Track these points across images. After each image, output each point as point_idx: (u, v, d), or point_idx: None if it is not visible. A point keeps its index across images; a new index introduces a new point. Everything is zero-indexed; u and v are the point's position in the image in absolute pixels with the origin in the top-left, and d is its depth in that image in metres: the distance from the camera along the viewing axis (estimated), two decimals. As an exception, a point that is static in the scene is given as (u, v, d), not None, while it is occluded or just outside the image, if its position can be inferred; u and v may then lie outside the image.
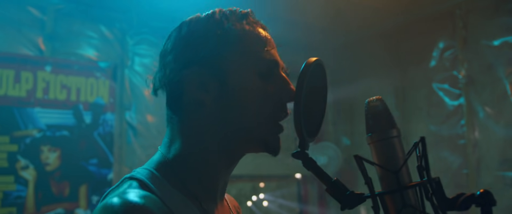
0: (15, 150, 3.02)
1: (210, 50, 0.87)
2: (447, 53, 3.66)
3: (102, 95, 3.37)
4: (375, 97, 0.96)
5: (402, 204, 0.85)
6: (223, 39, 0.88)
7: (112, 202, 0.75)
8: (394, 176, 0.85)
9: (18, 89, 3.07)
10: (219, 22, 0.90)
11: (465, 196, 0.85)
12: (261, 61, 0.90)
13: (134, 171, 0.88)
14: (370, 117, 0.93)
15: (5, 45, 3.15)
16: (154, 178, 0.85)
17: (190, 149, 0.89)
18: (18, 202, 3.00)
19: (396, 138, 0.89)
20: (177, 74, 0.88)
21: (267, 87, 0.90)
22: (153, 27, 3.69)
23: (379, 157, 0.88)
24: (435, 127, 3.70)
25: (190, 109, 0.89)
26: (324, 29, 4.19)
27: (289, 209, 4.35)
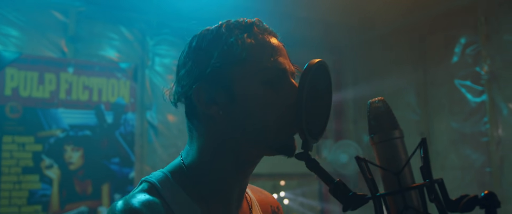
0: (40, 149, 3.11)
1: (216, 65, 0.90)
2: (469, 49, 3.59)
3: (123, 95, 3.43)
4: (377, 99, 0.95)
5: (403, 206, 0.85)
6: (227, 54, 0.91)
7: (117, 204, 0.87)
8: (396, 177, 0.85)
9: (42, 91, 3.16)
10: (224, 37, 0.92)
11: (468, 198, 0.84)
12: (267, 70, 0.91)
13: (151, 174, 0.96)
14: (372, 118, 0.92)
15: (29, 48, 3.23)
16: (167, 181, 0.92)
17: (204, 157, 0.94)
18: (43, 200, 3.09)
19: (398, 139, 0.89)
20: (189, 90, 0.92)
21: (276, 94, 0.91)
22: (172, 28, 3.73)
23: (381, 158, 0.88)
24: (457, 124, 3.64)
25: (203, 120, 0.93)
26: (345, 27, 4.17)
27: (310, 207, 4.34)
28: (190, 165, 0.95)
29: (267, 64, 0.92)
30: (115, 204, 0.86)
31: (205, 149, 0.94)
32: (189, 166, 0.95)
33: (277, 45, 0.96)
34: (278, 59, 0.93)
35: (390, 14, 3.83)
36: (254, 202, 1.10)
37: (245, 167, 0.96)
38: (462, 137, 3.59)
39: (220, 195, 0.95)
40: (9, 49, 3.16)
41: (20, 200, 3.02)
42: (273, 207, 1.17)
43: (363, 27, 4.17)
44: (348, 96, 4.42)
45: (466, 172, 3.54)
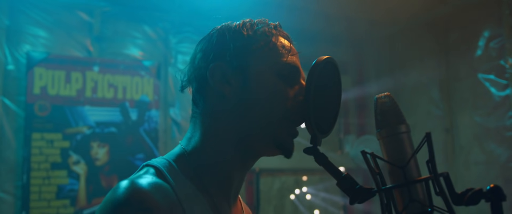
0: (67, 146, 3.21)
1: (236, 47, 0.94)
2: (493, 42, 3.53)
3: (147, 93, 3.50)
4: (384, 94, 0.97)
5: (409, 199, 0.86)
6: (250, 38, 0.95)
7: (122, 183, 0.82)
8: (401, 171, 0.87)
9: (69, 89, 3.26)
10: (250, 27, 0.97)
11: (473, 191, 0.85)
12: (283, 64, 0.95)
13: (152, 160, 0.94)
14: (379, 113, 0.94)
15: (57, 48, 3.34)
16: (171, 168, 0.90)
17: (208, 141, 0.94)
18: (71, 194, 3.19)
19: (404, 134, 0.90)
20: (204, 68, 0.95)
21: (287, 90, 0.94)
22: (194, 26, 3.79)
23: (388, 152, 0.90)
24: (481, 119, 3.59)
25: (212, 101, 0.95)
26: (367, 21, 4.15)
27: (333, 203, 4.34)
28: (193, 154, 0.94)
29: (284, 59, 0.95)
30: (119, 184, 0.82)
31: (209, 137, 0.94)
32: (191, 154, 0.94)
33: (294, 49, 0.99)
34: (293, 59, 0.97)
35: (412, 8, 3.80)
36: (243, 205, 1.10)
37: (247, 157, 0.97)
38: (486, 131, 3.54)
39: (221, 187, 0.95)
40: (37, 49, 3.27)
41: (49, 194, 3.13)
42: None
43: (385, 21, 4.14)
44: (371, 91, 4.40)
45: (490, 167, 3.49)
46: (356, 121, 4.46)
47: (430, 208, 0.85)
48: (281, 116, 0.93)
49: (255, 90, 0.93)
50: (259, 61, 0.94)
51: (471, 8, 3.69)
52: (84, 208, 3.20)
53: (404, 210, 0.86)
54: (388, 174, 0.91)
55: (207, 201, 0.91)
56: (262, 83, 0.93)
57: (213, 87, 0.94)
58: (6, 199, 3.08)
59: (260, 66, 0.94)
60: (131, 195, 0.78)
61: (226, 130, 0.94)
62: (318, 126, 0.94)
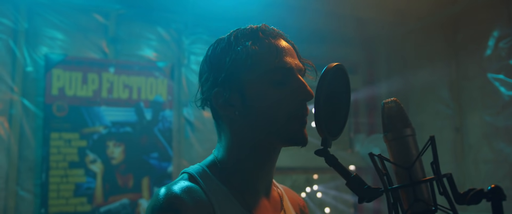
0: (84, 145, 3.30)
1: (227, 72, 1.02)
2: (503, 42, 3.55)
3: (161, 93, 3.58)
4: (390, 99, 1.01)
5: (414, 198, 0.92)
6: (236, 62, 1.02)
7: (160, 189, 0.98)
8: (407, 172, 0.92)
9: (85, 90, 3.35)
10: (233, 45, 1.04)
11: (475, 191, 0.90)
12: (273, 72, 1.02)
13: (190, 167, 1.08)
14: (386, 117, 0.98)
15: (74, 50, 3.42)
16: (204, 173, 1.04)
17: (231, 151, 1.07)
18: (88, 192, 3.28)
19: (410, 137, 0.94)
20: (209, 95, 1.06)
21: (283, 92, 1.02)
22: (206, 27, 3.85)
23: (394, 154, 0.95)
24: (490, 118, 3.61)
25: (225, 120, 1.07)
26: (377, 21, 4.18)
27: (343, 201, 4.39)
28: (222, 161, 1.07)
29: (272, 66, 1.02)
30: (158, 191, 0.97)
31: (231, 146, 1.06)
32: (221, 161, 1.07)
33: (283, 46, 1.05)
34: (283, 59, 1.03)
35: (422, 8, 3.82)
36: (285, 196, 1.20)
37: (266, 159, 1.07)
38: (495, 130, 3.56)
39: (250, 186, 1.07)
40: (55, 51, 3.36)
41: (67, 192, 3.22)
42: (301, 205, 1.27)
43: (395, 21, 4.17)
44: (381, 90, 4.44)
45: (499, 166, 3.52)
46: (366, 120, 4.50)
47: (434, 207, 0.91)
48: (286, 118, 1.02)
49: (256, 105, 1.02)
50: (251, 78, 1.02)
51: (481, 8, 3.71)
52: (100, 206, 3.29)
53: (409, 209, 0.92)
54: (395, 175, 0.96)
55: (237, 199, 1.03)
56: (259, 97, 1.02)
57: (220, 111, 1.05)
58: (26, 197, 3.18)
59: (254, 83, 1.02)
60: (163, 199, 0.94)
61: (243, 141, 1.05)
62: (328, 129, 0.99)
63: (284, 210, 1.16)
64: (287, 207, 1.18)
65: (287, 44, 1.07)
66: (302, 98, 1.03)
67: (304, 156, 4.01)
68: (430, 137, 0.93)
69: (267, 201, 1.11)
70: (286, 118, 1.01)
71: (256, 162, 1.06)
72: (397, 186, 0.92)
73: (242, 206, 1.03)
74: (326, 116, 0.97)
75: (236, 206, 1.02)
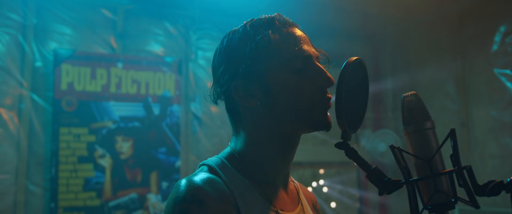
0: (93, 140, 3.32)
1: (248, 63, 1.01)
2: (510, 37, 3.56)
3: (169, 88, 3.60)
4: (410, 92, 1.02)
5: (434, 190, 0.93)
6: (257, 51, 1.01)
7: (181, 182, 0.96)
8: (427, 164, 0.94)
9: (94, 85, 3.36)
10: (251, 35, 1.03)
11: (494, 183, 0.91)
12: (294, 60, 1.02)
13: (208, 159, 1.07)
14: (406, 110, 0.99)
15: (82, 45, 3.44)
16: (223, 165, 1.03)
17: (251, 143, 1.06)
18: (97, 187, 3.30)
19: (430, 130, 0.96)
20: (228, 87, 1.04)
21: (305, 80, 1.02)
22: (214, 22, 3.86)
23: (414, 147, 0.96)
24: (496, 113, 3.63)
25: (244, 111, 1.05)
26: (383, 17, 4.19)
27: (349, 195, 4.42)
28: (241, 153, 1.06)
29: (293, 54, 1.02)
30: (179, 183, 0.95)
31: (250, 138, 1.05)
32: (240, 153, 1.06)
33: (299, 34, 1.05)
34: (302, 47, 1.03)
35: (428, 3, 3.83)
36: (300, 189, 1.22)
37: (287, 150, 1.06)
38: (502, 125, 3.58)
39: (270, 178, 1.06)
40: (63, 46, 3.38)
41: (76, 187, 3.24)
42: (313, 201, 1.28)
43: (401, 17, 4.18)
44: (387, 85, 4.45)
45: (505, 161, 3.53)
46: (371, 115, 4.52)
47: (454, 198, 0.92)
48: (309, 105, 1.02)
49: (278, 94, 1.01)
50: (272, 67, 1.01)
51: (487, 3, 3.72)
52: (109, 200, 3.32)
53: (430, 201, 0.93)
54: (414, 167, 0.97)
55: (257, 190, 1.02)
56: (281, 86, 1.01)
57: (241, 103, 1.04)
58: (36, 191, 3.21)
59: (275, 71, 1.01)
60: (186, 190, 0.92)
61: (263, 131, 1.05)
62: (348, 123, 1.01)
63: (301, 204, 1.17)
64: (303, 201, 1.19)
65: (302, 32, 1.07)
66: (323, 85, 1.03)
67: (310, 150, 4.03)
68: (451, 130, 0.94)
69: (285, 194, 1.11)
70: (309, 105, 1.01)
71: (277, 153, 1.06)
72: (418, 178, 0.94)
73: (263, 198, 1.03)
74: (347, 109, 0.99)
75: (257, 197, 1.01)
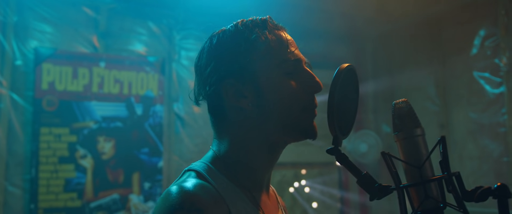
0: (75, 140, 3.28)
1: (241, 62, 1.00)
2: (489, 41, 3.63)
3: (152, 88, 3.57)
4: (401, 100, 1.04)
5: (424, 196, 0.95)
6: (250, 51, 1.00)
7: (171, 189, 0.91)
8: (418, 170, 0.95)
9: (76, 85, 3.32)
10: (245, 34, 1.02)
11: (482, 189, 0.93)
12: (286, 63, 1.01)
13: (192, 164, 1.03)
14: (396, 117, 1.01)
15: (64, 44, 3.39)
16: (210, 170, 0.99)
17: (238, 146, 1.03)
18: (78, 188, 3.26)
19: (420, 137, 0.97)
20: (217, 87, 1.01)
21: (295, 83, 1.02)
22: (198, 22, 3.85)
23: (405, 153, 0.97)
24: (475, 115, 3.70)
25: (232, 113, 1.02)
26: (365, 19, 4.23)
27: (330, 195, 4.45)
28: (226, 157, 1.02)
29: (286, 57, 1.01)
30: (169, 190, 0.90)
31: (236, 142, 1.02)
32: (225, 158, 1.02)
33: (290, 38, 1.05)
34: (293, 51, 1.03)
35: (410, 6, 3.88)
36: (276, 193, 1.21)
37: (273, 155, 1.05)
38: (480, 127, 3.65)
39: (257, 183, 1.05)
40: (44, 45, 3.32)
41: (57, 188, 3.20)
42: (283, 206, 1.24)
43: (383, 19, 4.22)
44: (368, 87, 4.50)
45: (483, 162, 3.61)
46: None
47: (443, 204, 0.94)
48: (299, 109, 1.01)
49: (270, 95, 1.00)
50: (265, 68, 1.00)
51: (467, 7, 3.79)
52: (91, 201, 3.28)
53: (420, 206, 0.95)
54: (404, 173, 0.99)
55: (246, 195, 1.00)
56: (274, 87, 1.00)
57: (231, 103, 1.01)
58: (15, 192, 3.15)
59: (268, 73, 1.00)
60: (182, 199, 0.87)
61: (252, 135, 1.02)
62: (340, 128, 1.02)
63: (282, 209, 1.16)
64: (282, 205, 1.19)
65: (290, 37, 1.06)
66: (313, 90, 1.03)
67: (293, 151, 4.05)
68: (441, 137, 0.96)
69: (268, 198, 1.10)
70: (299, 110, 1.01)
71: (264, 158, 1.04)
72: (410, 183, 0.95)
73: (252, 203, 1.01)
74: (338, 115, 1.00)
75: (246, 203, 0.99)
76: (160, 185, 3.52)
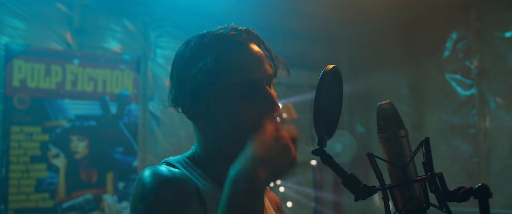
0: (47, 139, 3.20)
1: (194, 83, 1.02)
2: (460, 44, 3.73)
3: (127, 86, 3.52)
4: (386, 101, 1.05)
5: (408, 196, 0.96)
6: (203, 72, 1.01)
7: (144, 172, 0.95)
8: (402, 171, 0.97)
9: (48, 82, 3.24)
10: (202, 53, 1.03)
11: (464, 189, 0.95)
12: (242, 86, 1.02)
13: (169, 158, 1.08)
14: (381, 118, 1.02)
15: (36, 40, 3.30)
16: (186, 164, 1.05)
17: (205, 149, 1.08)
18: (50, 188, 3.19)
19: (404, 138, 0.99)
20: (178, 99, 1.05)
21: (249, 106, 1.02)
22: (174, 20, 3.81)
23: (389, 154, 0.99)
24: (447, 116, 3.79)
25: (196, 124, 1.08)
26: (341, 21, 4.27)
27: (305, 195, 4.49)
28: (199, 155, 1.08)
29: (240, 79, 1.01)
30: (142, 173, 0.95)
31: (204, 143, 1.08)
32: (198, 155, 1.08)
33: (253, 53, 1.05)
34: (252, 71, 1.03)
35: (384, 10, 3.94)
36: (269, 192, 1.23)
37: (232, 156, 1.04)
38: (452, 128, 3.74)
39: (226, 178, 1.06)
40: (16, 41, 3.23)
41: (28, 188, 3.12)
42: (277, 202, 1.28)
43: (357, 21, 4.28)
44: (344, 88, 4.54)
45: (454, 162, 3.70)
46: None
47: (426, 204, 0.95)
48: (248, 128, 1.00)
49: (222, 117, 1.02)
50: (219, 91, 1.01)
51: (440, 11, 3.87)
52: (63, 201, 3.21)
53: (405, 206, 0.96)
54: (388, 173, 1.00)
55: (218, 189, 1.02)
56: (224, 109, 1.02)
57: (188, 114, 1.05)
58: (-16, 192, 3.05)
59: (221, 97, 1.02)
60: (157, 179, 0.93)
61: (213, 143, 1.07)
62: (325, 129, 1.03)
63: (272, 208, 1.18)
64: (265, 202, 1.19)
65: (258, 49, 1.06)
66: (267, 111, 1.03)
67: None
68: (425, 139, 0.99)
69: None
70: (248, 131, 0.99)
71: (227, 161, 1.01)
72: (394, 184, 0.96)
73: None
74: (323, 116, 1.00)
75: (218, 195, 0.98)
76: (135, 185, 3.47)
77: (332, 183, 4.63)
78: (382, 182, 0.97)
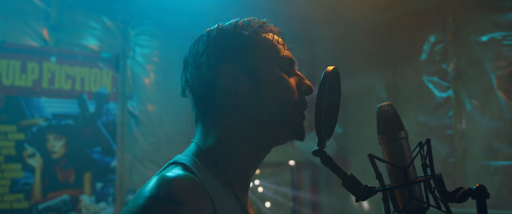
0: (22, 138, 3.11)
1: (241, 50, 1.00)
2: (438, 47, 3.80)
3: (105, 85, 3.45)
4: (386, 103, 1.06)
5: (409, 197, 0.97)
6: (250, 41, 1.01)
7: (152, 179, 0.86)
8: (403, 172, 0.97)
9: (24, 80, 3.15)
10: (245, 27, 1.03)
11: (463, 190, 0.96)
12: (282, 59, 1.03)
13: (177, 157, 0.97)
14: (381, 120, 1.03)
15: (12, 36, 3.20)
16: (195, 164, 0.94)
17: (226, 139, 0.99)
18: (26, 188, 3.09)
19: (404, 139, 1.00)
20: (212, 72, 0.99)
21: (291, 81, 1.03)
22: (153, 18, 3.76)
23: (389, 156, 0.99)
24: (424, 118, 3.86)
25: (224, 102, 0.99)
26: (320, 22, 4.30)
27: (283, 195, 4.50)
28: (212, 149, 0.98)
29: (283, 53, 1.03)
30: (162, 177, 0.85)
31: (228, 131, 0.99)
32: (211, 150, 0.98)
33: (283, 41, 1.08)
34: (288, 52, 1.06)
35: (363, 12, 3.99)
36: None
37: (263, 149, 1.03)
38: (428, 129, 3.81)
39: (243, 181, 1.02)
40: (-10, 37, 3.13)
41: (2, 188, 3.02)
42: None
43: (337, 23, 4.31)
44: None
45: (431, 163, 3.76)
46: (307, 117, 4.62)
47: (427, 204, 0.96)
48: (292, 106, 1.02)
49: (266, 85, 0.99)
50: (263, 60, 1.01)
51: (418, 14, 3.94)
52: (39, 203, 3.12)
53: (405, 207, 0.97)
54: (388, 175, 1.01)
55: (231, 194, 0.97)
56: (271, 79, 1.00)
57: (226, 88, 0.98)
58: (-45, 192, 2.95)
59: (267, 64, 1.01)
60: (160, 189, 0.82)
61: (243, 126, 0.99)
62: (325, 130, 1.03)
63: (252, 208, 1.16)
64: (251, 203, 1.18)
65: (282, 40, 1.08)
66: (305, 92, 1.05)
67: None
68: (426, 140, 1.00)
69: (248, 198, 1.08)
70: (293, 107, 1.01)
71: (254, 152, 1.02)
72: (395, 185, 0.97)
73: (236, 201, 0.97)
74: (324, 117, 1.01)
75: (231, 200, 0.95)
76: (113, 185, 3.41)
77: (310, 183, 4.65)
78: (383, 183, 0.98)
